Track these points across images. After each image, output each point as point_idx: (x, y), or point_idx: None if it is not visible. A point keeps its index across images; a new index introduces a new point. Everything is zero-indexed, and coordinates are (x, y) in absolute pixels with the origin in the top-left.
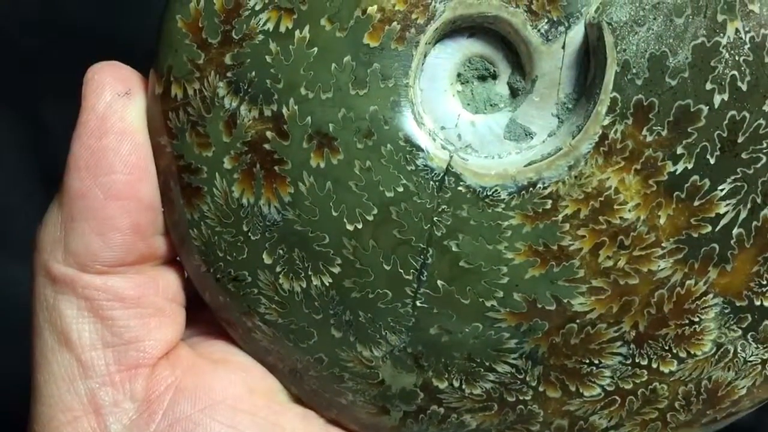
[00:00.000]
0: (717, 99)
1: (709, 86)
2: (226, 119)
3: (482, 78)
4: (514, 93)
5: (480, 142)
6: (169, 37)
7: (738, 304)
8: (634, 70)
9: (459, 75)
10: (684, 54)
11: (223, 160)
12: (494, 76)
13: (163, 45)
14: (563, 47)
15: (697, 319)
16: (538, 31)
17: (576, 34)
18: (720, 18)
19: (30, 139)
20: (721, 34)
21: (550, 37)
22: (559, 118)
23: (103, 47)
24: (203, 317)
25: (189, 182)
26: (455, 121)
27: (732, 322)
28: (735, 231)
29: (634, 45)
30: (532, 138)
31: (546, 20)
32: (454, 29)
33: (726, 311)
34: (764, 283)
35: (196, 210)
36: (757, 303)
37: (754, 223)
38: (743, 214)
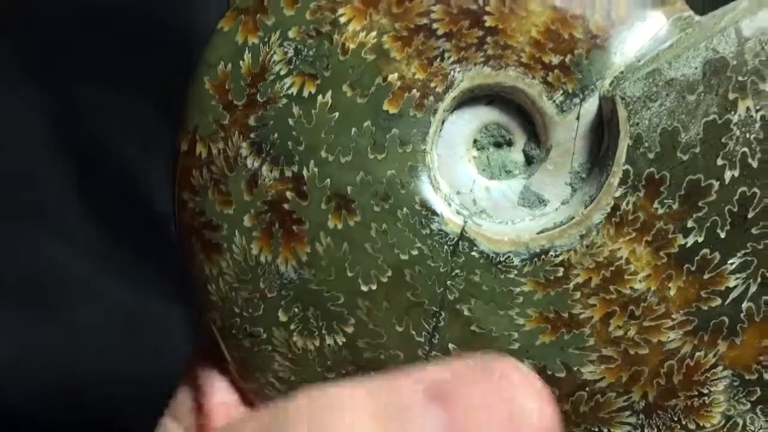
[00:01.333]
0: (728, 175)
1: (720, 162)
2: (247, 178)
3: (498, 145)
4: (528, 160)
5: (494, 208)
6: (197, 99)
7: (747, 377)
8: (647, 144)
9: (475, 141)
10: (695, 130)
11: (243, 218)
12: (509, 143)
13: (190, 105)
14: (577, 118)
15: (706, 391)
16: (554, 102)
17: (590, 106)
18: (731, 96)
19: (63, 116)
20: (732, 112)
21: (564, 108)
22: (572, 186)
23: (134, 28)
24: None
25: (209, 238)
26: (470, 187)
27: (741, 395)
28: (744, 305)
29: (646, 120)
30: (545, 205)
31: (561, 92)
32: (472, 97)
33: (735, 384)
34: None
35: (215, 266)
36: (767, 377)
37: (764, 297)
38: (753, 288)
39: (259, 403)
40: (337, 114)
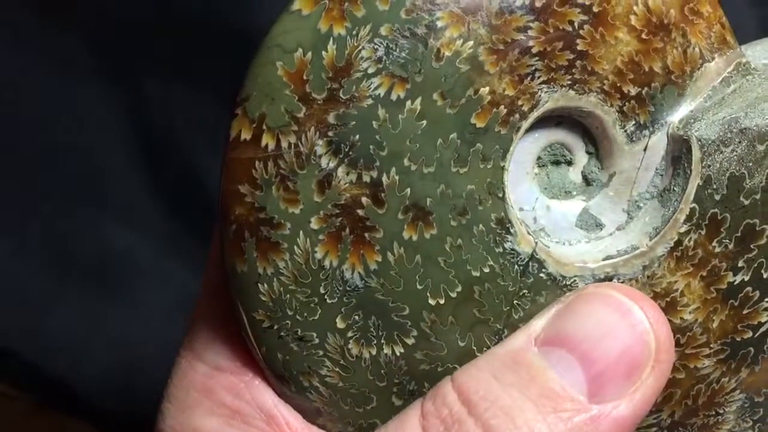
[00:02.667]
0: None
1: None
2: (320, 178)
3: (557, 162)
4: (587, 181)
5: (553, 228)
6: (266, 83)
7: (756, 399)
8: (715, 186)
9: (538, 158)
10: (760, 178)
11: (311, 220)
12: (569, 163)
13: (256, 90)
14: (645, 149)
15: (722, 411)
16: (625, 131)
17: (659, 140)
18: None
19: (132, 108)
20: None
21: (634, 139)
22: (629, 214)
23: (200, 24)
24: None
25: (268, 236)
26: (533, 204)
27: (747, 415)
28: None
29: (718, 163)
30: (601, 229)
31: (634, 122)
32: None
33: (746, 405)
34: None
35: (270, 265)
36: None
37: None
38: None
39: (292, 402)
40: (425, 122)
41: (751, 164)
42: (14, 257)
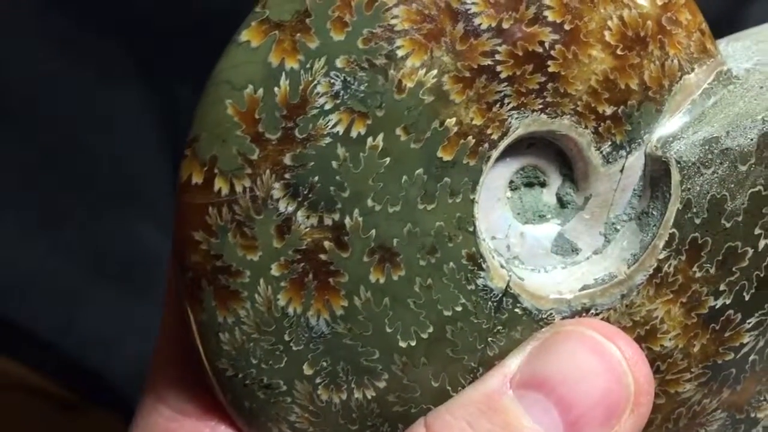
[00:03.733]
0: (762, 243)
1: (757, 231)
2: (279, 223)
3: (530, 185)
4: (561, 204)
5: (527, 254)
6: (215, 123)
7: (738, 416)
8: (695, 210)
9: (510, 182)
10: (741, 199)
11: (271, 267)
12: (543, 184)
13: (206, 130)
14: (622, 170)
15: (703, 431)
16: (601, 152)
17: (636, 160)
18: None
19: (165, 112)
20: None
21: (610, 160)
22: (605, 237)
23: (235, 30)
24: None
25: (226, 284)
26: (506, 232)
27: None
28: (751, 357)
29: (698, 186)
30: (577, 253)
31: (610, 143)
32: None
33: (727, 423)
34: (761, 399)
35: (230, 314)
36: (752, 415)
37: (767, 350)
38: (760, 344)
39: None
40: (388, 159)
41: (732, 185)
42: (51, 255)
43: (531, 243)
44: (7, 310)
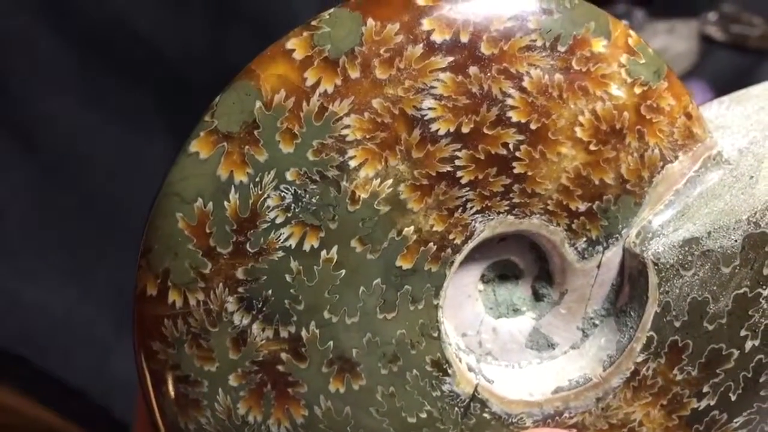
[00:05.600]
0: (748, 344)
1: (743, 333)
2: (234, 336)
3: (503, 277)
4: (537, 296)
5: (501, 350)
6: (167, 237)
7: None
8: (674, 313)
9: (482, 276)
10: (725, 302)
11: (228, 377)
12: (517, 277)
13: (158, 242)
14: (598, 266)
15: None
16: (576, 248)
17: (614, 255)
18: (766, 272)
19: None
20: (764, 286)
21: (586, 256)
22: (584, 331)
23: None
24: None
25: (185, 393)
26: (477, 328)
27: None
28: None
29: (677, 288)
30: (553, 348)
31: (585, 239)
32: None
33: None
34: None
35: (191, 421)
36: None
37: None
38: None
39: None
40: (343, 272)
41: (715, 288)
42: (83, 300)
43: (505, 338)
44: (38, 356)
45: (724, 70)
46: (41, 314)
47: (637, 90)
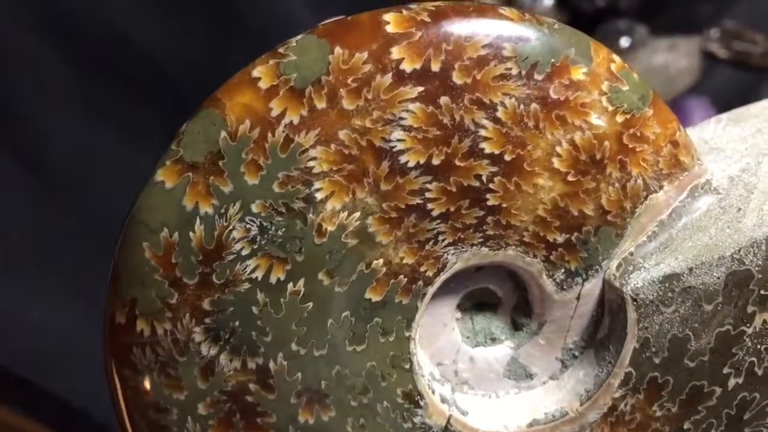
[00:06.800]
0: (732, 382)
1: (726, 371)
2: (202, 366)
3: (481, 305)
4: (515, 325)
5: (478, 379)
6: (134, 266)
7: None
8: (654, 349)
9: (459, 304)
10: (707, 339)
11: (197, 406)
12: (495, 305)
13: (126, 271)
14: (578, 298)
15: None
16: (554, 280)
17: (594, 287)
18: (750, 309)
19: None
20: (748, 324)
21: (565, 287)
22: (563, 362)
23: None
24: None
25: (156, 419)
26: (453, 357)
27: None
28: None
29: (657, 325)
30: (532, 378)
31: (563, 270)
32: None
33: None
34: None
35: None
36: None
37: None
38: None
39: None
40: (311, 304)
41: (696, 325)
42: (87, 321)
43: (482, 367)
44: (39, 376)
45: (726, 86)
46: (42, 335)
47: (619, 118)
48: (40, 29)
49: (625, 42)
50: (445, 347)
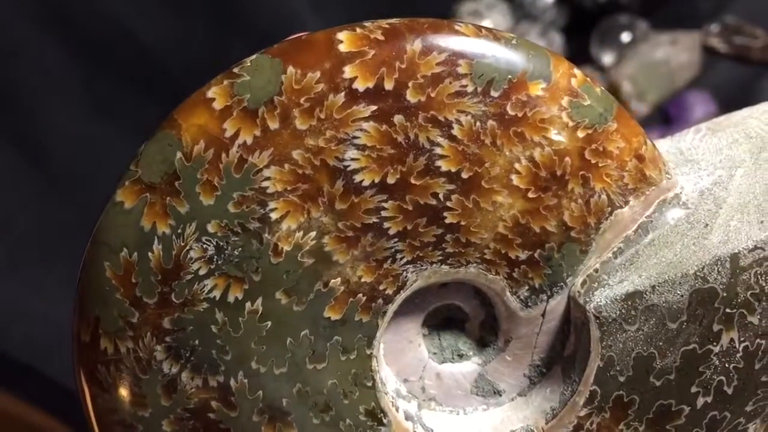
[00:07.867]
0: (700, 401)
1: (694, 389)
2: (165, 384)
3: (448, 321)
4: (482, 342)
5: (445, 396)
6: (96, 286)
7: None
8: (618, 367)
9: (425, 321)
10: (673, 357)
11: (161, 423)
12: (462, 321)
13: (88, 290)
14: (543, 315)
15: None
16: (518, 297)
17: (559, 304)
18: (716, 328)
19: None
20: (714, 343)
21: (530, 304)
22: (530, 379)
23: None
24: None
25: None
26: (420, 373)
27: None
28: None
29: (621, 343)
30: (500, 395)
31: (527, 287)
32: None
33: None
34: None
35: None
36: None
37: None
38: None
39: None
40: (269, 323)
41: (661, 343)
42: None
43: (449, 383)
44: (42, 364)
45: (726, 81)
46: (46, 323)
47: (581, 133)
48: (43, 23)
49: (626, 37)
50: (412, 363)
